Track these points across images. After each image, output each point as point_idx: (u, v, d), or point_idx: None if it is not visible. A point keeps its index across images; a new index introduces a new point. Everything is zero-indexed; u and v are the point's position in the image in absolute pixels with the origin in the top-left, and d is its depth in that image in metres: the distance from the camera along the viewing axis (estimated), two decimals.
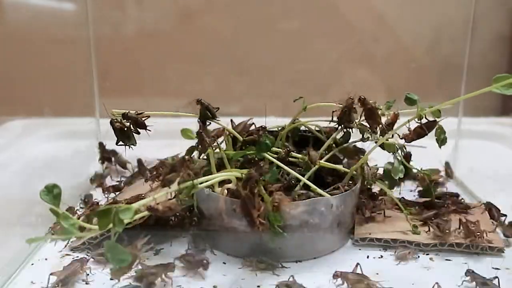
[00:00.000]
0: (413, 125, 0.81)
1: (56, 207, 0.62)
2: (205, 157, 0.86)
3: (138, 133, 0.83)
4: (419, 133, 0.81)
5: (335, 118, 0.85)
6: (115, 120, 0.82)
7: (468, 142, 1.21)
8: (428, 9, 1.42)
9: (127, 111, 0.82)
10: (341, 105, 0.83)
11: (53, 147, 1.23)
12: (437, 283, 0.71)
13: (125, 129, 0.82)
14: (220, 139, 0.89)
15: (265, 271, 0.75)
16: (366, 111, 0.82)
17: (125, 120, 0.82)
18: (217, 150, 0.82)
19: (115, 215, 0.58)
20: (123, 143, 0.84)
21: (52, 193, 0.64)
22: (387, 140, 0.84)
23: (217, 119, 0.88)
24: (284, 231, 0.71)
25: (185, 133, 0.91)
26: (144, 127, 0.83)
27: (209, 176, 0.73)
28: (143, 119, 0.83)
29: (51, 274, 0.72)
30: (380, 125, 0.83)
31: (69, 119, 1.31)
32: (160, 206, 0.63)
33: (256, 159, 0.82)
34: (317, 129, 0.94)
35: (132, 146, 0.84)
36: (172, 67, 1.46)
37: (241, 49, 1.46)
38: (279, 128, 0.93)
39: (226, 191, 0.76)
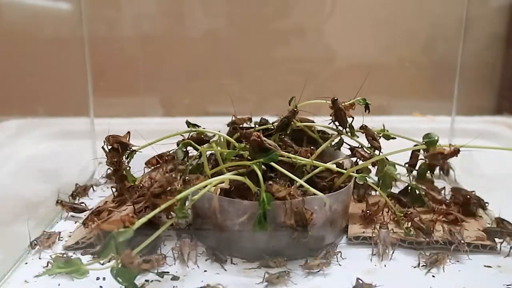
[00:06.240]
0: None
1: None
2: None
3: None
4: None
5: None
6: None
7: (462, 141, 1.21)
8: (421, 8, 1.43)
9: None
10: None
11: (47, 147, 1.23)
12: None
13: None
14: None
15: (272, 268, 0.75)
16: (336, 111, 0.86)
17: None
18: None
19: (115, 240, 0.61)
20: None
21: None
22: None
23: None
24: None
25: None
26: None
27: (201, 184, 0.74)
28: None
29: None
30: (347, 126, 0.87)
31: (63, 119, 1.31)
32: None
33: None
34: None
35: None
36: (166, 66, 1.46)
37: (237, 49, 1.46)
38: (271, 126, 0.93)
39: (219, 190, 0.77)
